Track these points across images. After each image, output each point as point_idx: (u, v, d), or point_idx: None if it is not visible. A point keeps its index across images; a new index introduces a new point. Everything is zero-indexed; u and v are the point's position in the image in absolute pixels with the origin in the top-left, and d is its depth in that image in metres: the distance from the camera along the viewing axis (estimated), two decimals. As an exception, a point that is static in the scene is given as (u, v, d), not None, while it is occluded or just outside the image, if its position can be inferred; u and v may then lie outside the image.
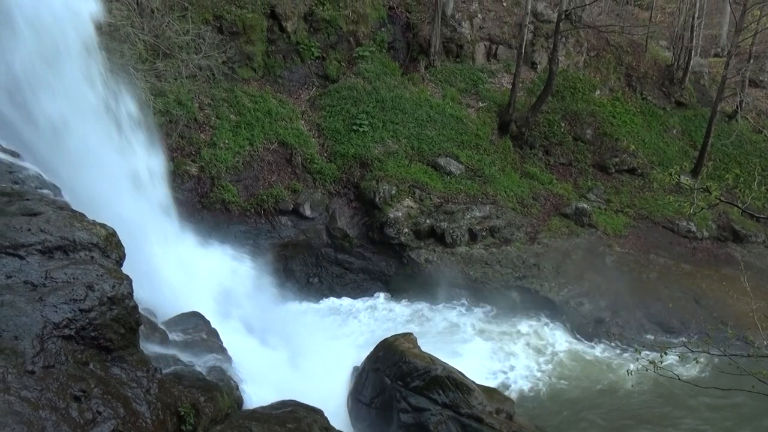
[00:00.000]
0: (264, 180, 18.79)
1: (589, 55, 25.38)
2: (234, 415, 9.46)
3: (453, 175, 20.22)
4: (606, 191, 22.01)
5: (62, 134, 10.50)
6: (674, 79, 25.64)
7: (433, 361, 11.65)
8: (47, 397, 6.45)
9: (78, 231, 8.02)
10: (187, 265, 13.55)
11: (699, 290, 18.28)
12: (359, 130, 20.32)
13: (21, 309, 6.86)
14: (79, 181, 10.50)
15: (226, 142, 18.68)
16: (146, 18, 17.58)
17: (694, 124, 25.18)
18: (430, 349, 12.40)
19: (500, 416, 11.22)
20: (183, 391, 8.61)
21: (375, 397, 11.86)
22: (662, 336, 16.65)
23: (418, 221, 18.56)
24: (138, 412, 7.36)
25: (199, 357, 10.29)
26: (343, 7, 22.28)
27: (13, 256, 7.36)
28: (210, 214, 17.52)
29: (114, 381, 7.38)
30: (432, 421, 10.90)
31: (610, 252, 19.32)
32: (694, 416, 13.46)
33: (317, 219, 18.77)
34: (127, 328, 7.80)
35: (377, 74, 22.08)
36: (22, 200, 8.20)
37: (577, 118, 23.28)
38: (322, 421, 10.05)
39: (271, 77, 21.24)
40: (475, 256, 18.30)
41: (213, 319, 12.02)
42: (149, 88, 16.95)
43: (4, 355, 6.43)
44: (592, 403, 13.94)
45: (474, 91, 23.39)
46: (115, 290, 7.64)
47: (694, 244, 20.71)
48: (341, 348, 13.33)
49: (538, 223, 19.96)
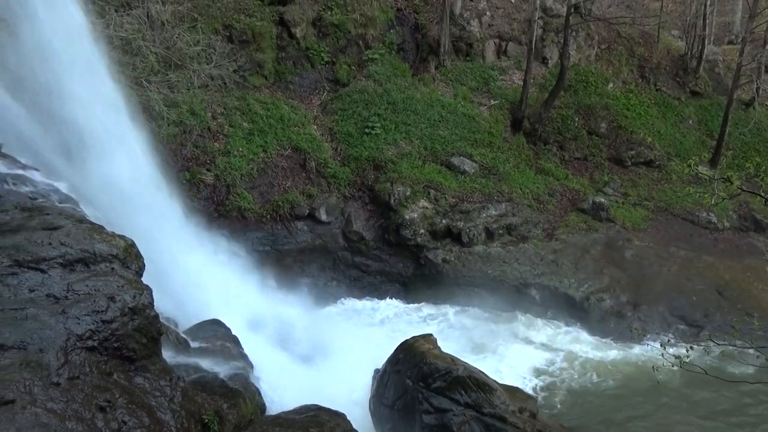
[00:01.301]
0: (279, 186, 18.86)
1: (601, 48, 25.16)
2: (257, 420, 9.50)
3: (467, 174, 20.14)
4: (623, 184, 21.78)
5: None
6: (688, 69, 25.32)
7: (454, 362, 11.59)
8: (73, 408, 6.52)
9: (98, 243, 8.11)
10: (205, 273, 13.63)
11: (722, 282, 17.98)
12: (372, 132, 20.33)
13: (45, 322, 6.96)
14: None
15: (240, 149, 18.80)
16: (157, 30, 17.78)
17: (710, 114, 24.84)
18: (450, 350, 12.34)
19: (523, 415, 11.12)
20: (206, 398, 8.66)
21: (397, 399, 11.82)
22: (686, 329, 16.41)
23: (433, 222, 18.51)
24: (162, 420, 7.42)
25: (220, 364, 10.35)
26: (351, 11, 22.33)
27: (36, 270, 7.46)
28: (226, 222, 17.62)
29: (138, 390, 7.45)
30: (455, 421, 10.83)
31: (629, 246, 19.09)
32: (721, 409, 13.22)
33: (333, 223, 18.79)
34: (149, 337, 7.87)
35: (387, 76, 22.09)
36: (42, 215, 8.32)
37: (591, 112, 23.08)
38: (345, 425, 10.06)
39: (282, 84, 21.35)
40: (492, 255, 18.19)
41: (232, 326, 12.09)
42: (162, 99, 17.13)
43: (29, 368, 6.51)
44: (618, 400, 13.77)
45: (485, 89, 23.30)
46: (135, 300, 7.71)
47: (715, 235, 20.41)
48: (362, 351, 13.31)
49: (555, 219, 19.79)
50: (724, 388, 13.05)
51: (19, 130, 9.92)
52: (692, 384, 13.60)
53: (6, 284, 7.17)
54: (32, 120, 10.12)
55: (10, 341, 6.65)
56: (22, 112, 9.98)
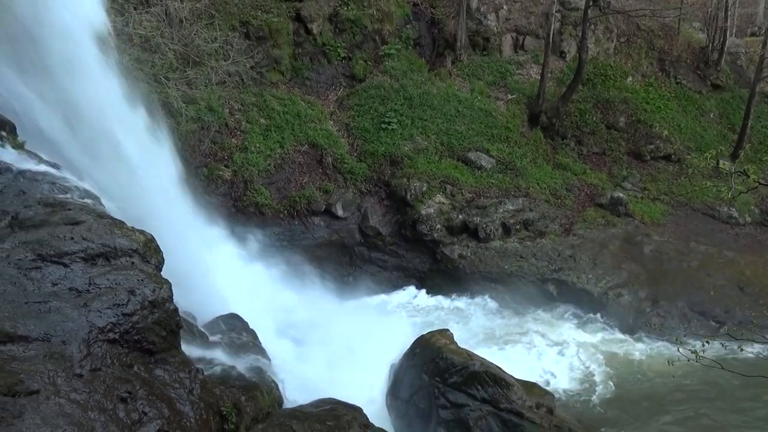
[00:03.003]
0: (296, 182, 18.98)
1: (620, 41, 24.86)
2: (275, 413, 9.61)
3: (484, 169, 20.07)
4: (642, 179, 21.55)
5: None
6: (709, 62, 24.92)
7: (471, 357, 11.61)
8: (95, 399, 6.67)
9: (118, 238, 8.25)
10: (222, 268, 13.78)
11: (743, 277, 17.74)
12: (388, 128, 20.33)
13: (67, 315, 7.10)
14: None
15: (257, 145, 18.93)
16: (175, 28, 17.95)
17: (731, 107, 24.44)
18: (468, 346, 12.35)
19: (540, 410, 11.11)
20: (224, 390, 8.78)
21: (413, 393, 11.88)
22: (706, 325, 16.23)
23: (450, 217, 18.49)
24: (182, 412, 7.55)
25: (238, 357, 10.48)
26: (367, 7, 22.33)
27: (58, 264, 7.62)
28: (244, 218, 17.78)
29: (158, 382, 7.58)
30: (472, 416, 10.87)
31: (648, 241, 18.89)
32: (740, 406, 13.08)
33: (350, 218, 18.86)
34: (168, 330, 8.00)
35: (404, 71, 22.06)
36: (65, 210, 8.47)
37: (610, 106, 22.84)
38: (362, 419, 10.13)
39: (299, 80, 21.44)
40: (509, 250, 18.13)
41: (250, 320, 12.21)
42: (181, 96, 17.32)
43: (53, 359, 6.67)
44: (637, 395, 13.67)
45: (502, 84, 23.16)
46: (155, 294, 7.83)
47: (736, 230, 20.12)
48: (378, 346, 13.37)
49: (572, 214, 19.65)
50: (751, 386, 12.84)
51: (42, 127, 10.11)
52: (707, 378, 13.44)
53: (30, 278, 7.33)
54: (55, 117, 10.30)
55: (35, 333, 6.81)
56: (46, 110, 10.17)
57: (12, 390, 6.07)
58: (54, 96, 10.03)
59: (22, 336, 6.72)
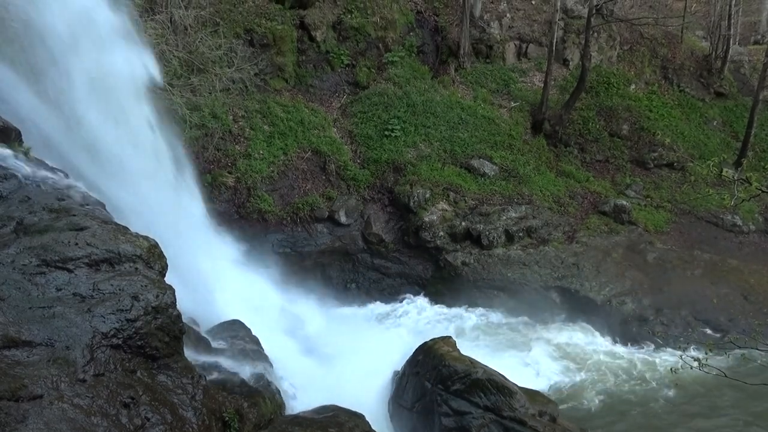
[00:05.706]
0: (299, 188, 19.02)
1: (623, 48, 24.92)
2: (277, 420, 9.60)
3: (487, 177, 20.09)
4: (645, 187, 21.53)
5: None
6: (713, 69, 24.94)
7: (474, 364, 11.57)
8: (98, 404, 6.68)
9: (122, 244, 8.27)
10: (225, 275, 13.80)
11: (747, 286, 17.68)
12: (391, 135, 20.39)
13: (71, 320, 7.13)
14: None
15: (261, 152, 19.00)
16: (180, 35, 18.07)
17: (735, 115, 24.44)
18: (470, 353, 12.31)
19: (543, 419, 11.05)
20: (227, 397, 8.79)
21: (416, 401, 11.84)
22: (709, 333, 16.16)
23: (453, 224, 18.50)
24: (184, 417, 7.55)
25: (241, 364, 10.48)
26: (371, 14, 22.45)
27: (63, 270, 7.65)
28: (247, 224, 17.82)
29: (161, 388, 7.59)
30: (474, 424, 10.82)
31: (651, 249, 18.86)
32: (740, 414, 13.00)
33: (353, 225, 18.88)
34: (172, 336, 8.01)
35: (407, 79, 22.14)
36: (69, 216, 8.50)
37: (613, 114, 22.87)
38: (364, 426, 10.10)
39: (303, 87, 21.53)
40: (512, 258, 18.11)
41: (252, 326, 12.22)
42: (185, 102, 17.41)
43: (57, 364, 6.69)
44: (638, 403, 13.61)
45: (505, 91, 23.22)
46: (159, 300, 7.86)
47: (740, 238, 20.07)
48: (381, 353, 13.35)
49: (575, 221, 19.64)
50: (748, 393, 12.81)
51: (48, 134, 10.18)
52: (715, 389, 13.41)
53: (34, 283, 7.36)
54: (60, 124, 10.38)
55: (39, 338, 6.83)
56: (52, 117, 10.24)
57: (16, 395, 6.09)
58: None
59: (26, 341, 6.74)
